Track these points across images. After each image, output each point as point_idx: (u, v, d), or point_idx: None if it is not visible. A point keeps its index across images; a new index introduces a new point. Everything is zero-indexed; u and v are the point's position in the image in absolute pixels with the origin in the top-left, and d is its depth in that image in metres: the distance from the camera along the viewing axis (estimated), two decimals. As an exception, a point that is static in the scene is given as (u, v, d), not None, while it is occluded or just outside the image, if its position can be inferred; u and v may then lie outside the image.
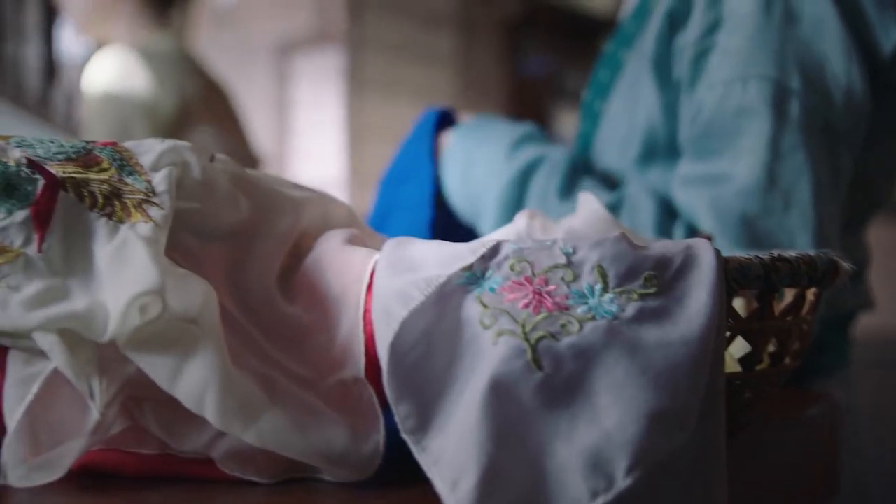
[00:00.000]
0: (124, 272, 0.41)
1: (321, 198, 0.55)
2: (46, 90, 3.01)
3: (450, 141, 0.81)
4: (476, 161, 0.77)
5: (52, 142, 0.46)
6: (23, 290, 0.40)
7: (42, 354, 0.40)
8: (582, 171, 0.76)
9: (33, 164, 0.44)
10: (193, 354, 0.40)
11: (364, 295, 0.45)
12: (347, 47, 4.16)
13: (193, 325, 0.41)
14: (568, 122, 5.07)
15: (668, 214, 0.70)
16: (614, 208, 0.71)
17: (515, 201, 0.75)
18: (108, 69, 1.33)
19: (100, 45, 1.48)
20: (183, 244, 0.46)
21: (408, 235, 0.46)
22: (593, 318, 0.40)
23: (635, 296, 0.41)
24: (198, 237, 0.47)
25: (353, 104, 4.15)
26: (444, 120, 0.83)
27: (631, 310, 0.40)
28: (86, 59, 2.73)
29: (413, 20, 4.41)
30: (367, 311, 0.45)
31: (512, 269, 0.42)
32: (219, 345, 0.41)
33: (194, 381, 0.40)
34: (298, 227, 0.52)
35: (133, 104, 1.32)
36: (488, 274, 0.42)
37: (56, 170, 0.44)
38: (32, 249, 0.41)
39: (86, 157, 0.46)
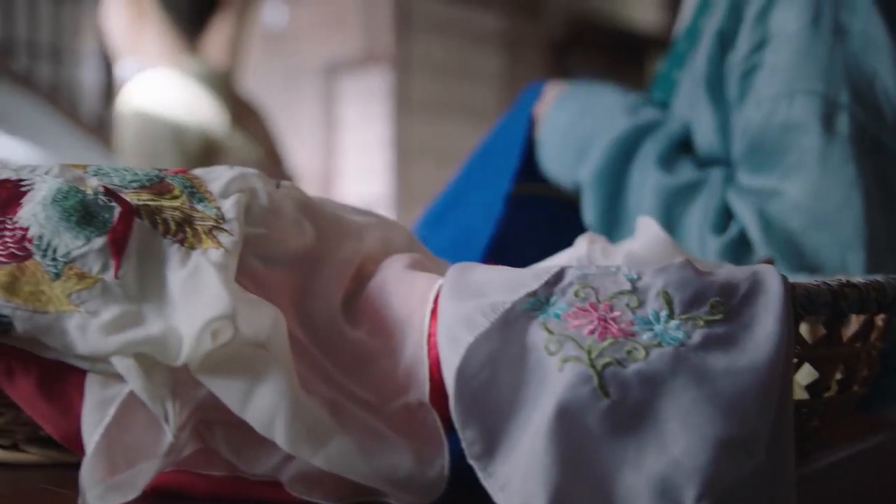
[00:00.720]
0: (197, 298, 0.42)
1: (382, 222, 0.56)
2: (103, 111, 3.09)
3: (561, 90, 0.81)
4: (593, 109, 0.78)
5: (127, 170, 0.48)
6: (101, 316, 0.42)
7: (118, 378, 0.42)
8: (685, 146, 0.76)
9: (110, 193, 0.45)
10: (263, 379, 0.41)
11: (428, 320, 0.46)
12: (394, 67, 4.20)
13: (263, 349, 0.42)
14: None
15: (729, 210, 0.71)
16: (698, 186, 0.72)
17: (626, 153, 0.75)
18: (140, 93, 1.37)
19: (136, 68, 1.52)
20: (251, 269, 0.47)
21: (481, 209, 0.47)
22: (659, 345, 0.40)
23: (701, 322, 0.41)
24: (264, 262, 0.48)
25: (399, 123, 4.18)
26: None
27: (697, 336, 0.40)
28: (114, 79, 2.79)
29: (459, 40, 4.44)
30: (431, 336, 0.45)
31: (576, 295, 0.42)
32: (288, 369, 0.42)
33: (264, 406, 0.41)
34: (361, 251, 0.53)
35: (162, 127, 1.36)
36: (553, 300, 0.43)
37: (131, 198, 0.46)
38: (109, 275, 0.43)
39: (158, 185, 0.48)
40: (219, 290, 0.42)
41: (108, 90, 3.14)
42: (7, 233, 0.43)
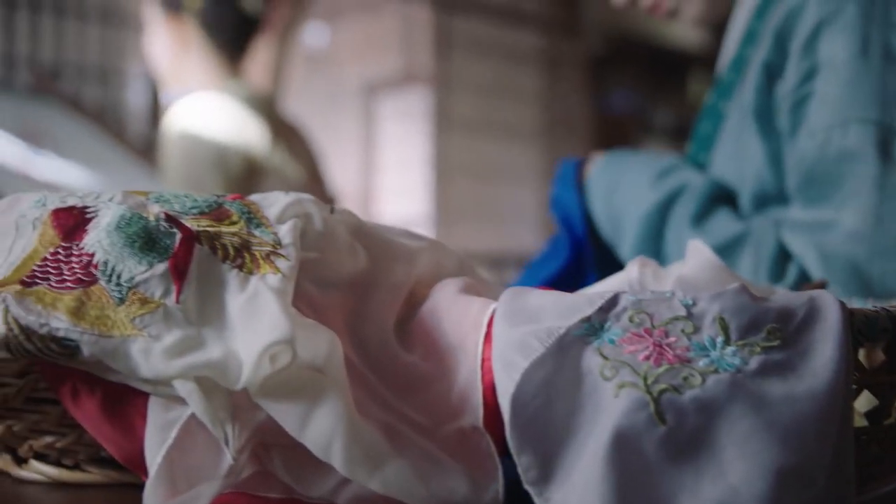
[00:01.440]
0: (256, 322, 0.43)
1: (433, 246, 0.57)
2: (149, 132, 3.15)
3: (593, 169, 0.83)
4: (621, 186, 0.80)
5: (187, 196, 0.49)
6: (163, 340, 0.42)
7: (179, 401, 0.43)
8: (719, 199, 0.76)
9: (171, 219, 0.47)
10: (321, 403, 0.42)
11: (482, 344, 0.46)
12: (434, 86, 4.23)
13: (320, 373, 0.43)
14: (655, 157, 5.02)
15: (785, 254, 0.70)
16: (741, 239, 0.72)
17: (656, 229, 0.77)
18: (184, 116, 1.39)
19: (179, 92, 1.55)
20: (306, 293, 0.48)
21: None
22: (716, 371, 0.40)
23: (758, 349, 0.40)
24: (319, 287, 0.49)
25: (439, 142, 4.20)
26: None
27: (754, 363, 0.40)
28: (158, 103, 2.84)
29: (498, 59, 4.46)
30: (485, 361, 0.45)
31: (631, 320, 0.42)
32: (344, 393, 0.43)
33: (322, 429, 0.41)
34: (413, 275, 0.53)
35: (206, 150, 1.38)
36: (607, 325, 0.43)
37: (191, 224, 0.47)
38: (171, 300, 0.44)
39: (217, 211, 0.49)
40: (277, 315, 0.43)
41: (154, 112, 3.21)
42: (74, 258, 0.44)
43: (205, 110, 1.39)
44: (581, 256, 0.85)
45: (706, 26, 0.86)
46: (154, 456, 0.42)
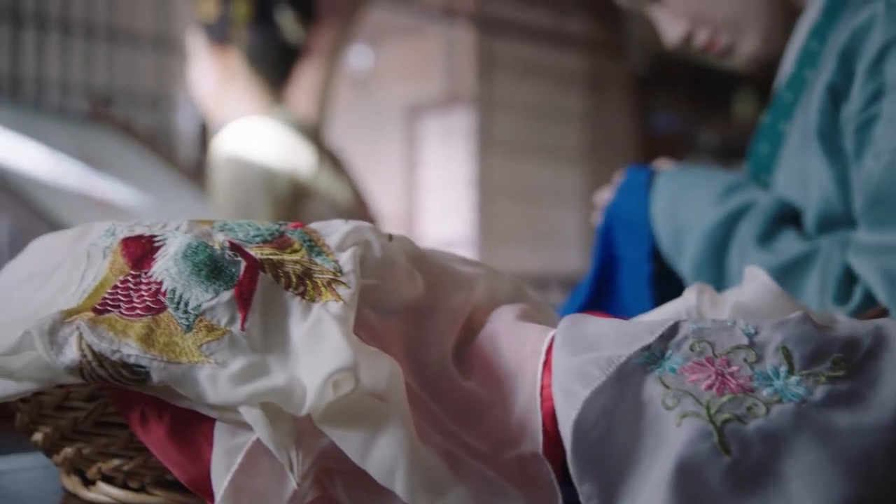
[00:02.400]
0: (319, 350, 0.44)
1: (490, 273, 0.57)
2: (198, 156, 3.20)
3: (658, 179, 0.82)
4: (685, 198, 0.79)
5: (250, 225, 0.50)
6: (229, 366, 0.43)
7: (245, 426, 0.43)
8: (786, 219, 0.75)
9: (235, 248, 0.48)
10: (383, 429, 0.42)
11: (541, 371, 0.46)
12: (477, 108, 4.25)
13: (382, 400, 0.43)
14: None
15: (851, 276, 0.69)
16: (808, 259, 0.71)
17: (719, 244, 0.75)
18: (232, 141, 1.42)
19: (223, 121, 1.58)
20: (366, 320, 0.49)
21: (632, 288, 0.48)
22: (780, 401, 0.40)
23: (823, 379, 0.40)
24: (379, 313, 0.50)
25: (482, 163, 4.22)
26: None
27: (819, 393, 0.40)
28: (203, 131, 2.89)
29: (542, 80, 4.47)
30: (544, 388, 0.46)
31: (692, 349, 0.42)
32: (406, 420, 0.43)
33: (384, 456, 0.42)
34: (471, 301, 0.54)
35: (253, 175, 1.40)
36: (668, 354, 0.43)
37: (255, 252, 0.48)
38: (237, 328, 0.45)
39: (280, 240, 0.50)
40: (340, 343, 0.43)
41: (203, 136, 3.27)
42: (143, 286, 0.45)
43: (252, 135, 1.42)
44: (610, 273, 0.84)
45: (761, 64, 0.85)
46: (221, 480, 0.43)
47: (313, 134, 1.53)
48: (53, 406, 0.48)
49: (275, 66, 1.50)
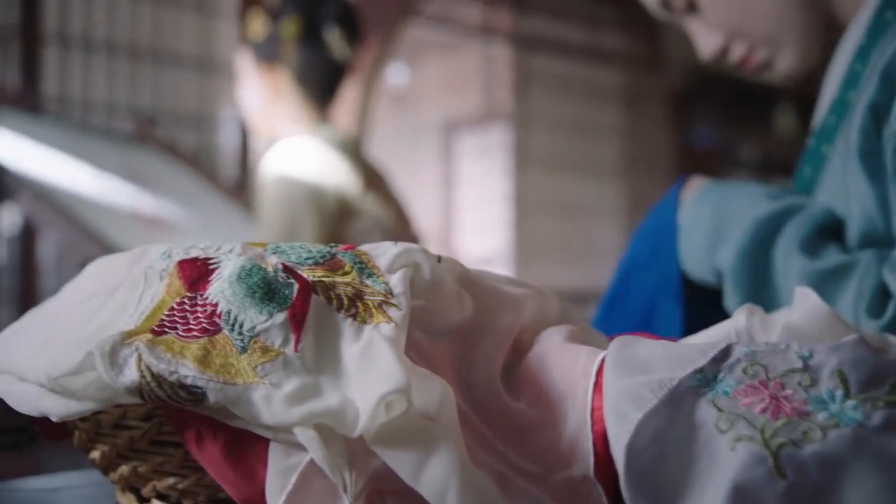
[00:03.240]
0: (371, 371, 0.44)
1: (537, 294, 0.57)
2: (239, 174, 3.25)
3: (703, 183, 0.81)
4: (734, 196, 0.77)
5: (302, 247, 0.51)
6: (283, 387, 0.44)
7: (299, 446, 0.44)
8: (830, 231, 0.74)
9: (288, 270, 0.48)
10: (435, 451, 0.42)
11: (591, 393, 0.46)
12: (513, 124, 4.26)
13: (433, 421, 0.44)
14: (738, 191, 4.92)
15: (887, 291, 0.68)
16: (848, 268, 0.70)
17: (766, 237, 0.73)
18: (276, 163, 1.43)
19: (270, 137, 1.60)
20: (416, 342, 0.49)
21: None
22: (837, 426, 0.39)
23: (881, 403, 0.40)
24: (428, 335, 0.50)
25: (519, 179, 4.22)
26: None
27: (878, 418, 0.39)
28: (248, 149, 2.93)
29: (578, 95, 4.47)
30: (595, 410, 0.46)
31: (745, 372, 0.42)
32: (458, 441, 0.43)
33: (437, 477, 0.42)
34: (519, 322, 0.54)
35: (299, 195, 1.41)
36: (720, 377, 0.42)
37: (307, 274, 0.49)
38: (290, 349, 0.45)
39: (331, 262, 0.50)
40: (392, 365, 0.44)
41: (244, 155, 3.32)
42: (199, 308, 0.46)
43: (298, 154, 1.43)
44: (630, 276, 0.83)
45: (796, 80, 0.83)
46: (275, 500, 0.43)
47: (357, 152, 1.55)
48: (111, 425, 0.49)
49: (322, 85, 1.51)
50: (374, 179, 1.53)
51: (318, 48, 1.48)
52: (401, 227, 1.53)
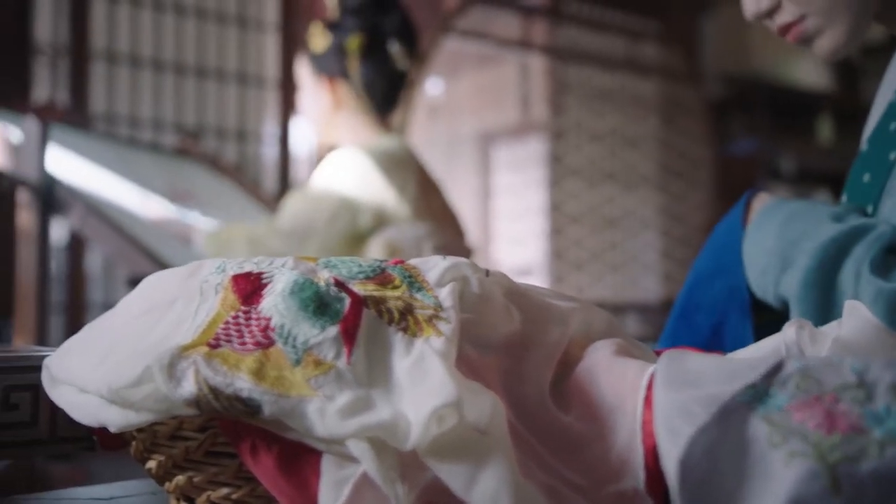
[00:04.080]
0: (423, 385, 0.45)
1: (584, 307, 0.57)
2: (280, 187, 3.29)
3: (765, 202, 0.79)
4: (799, 216, 0.74)
5: (352, 262, 0.52)
6: (336, 400, 0.45)
7: (351, 459, 0.45)
8: None
9: (340, 284, 0.49)
10: (486, 464, 0.43)
11: (641, 407, 0.46)
12: (550, 135, 4.25)
13: (484, 434, 0.44)
14: (779, 202, 4.87)
15: None
16: None
17: (833, 260, 0.71)
18: (336, 169, 1.44)
19: (331, 147, 1.61)
20: (465, 355, 0.50)
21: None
22: (894, 442, 0.39)
23: (938, 420, 0.39)
24: (477, 348, 0.51)
25: (555, 191, 4.21)
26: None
27: (935, 435, 0.39)
28: (314, 159, 2.97)
29: (615, 106, 4.45)
30: (646, 424, 0.46)
31: (798, 387, 0.42)
32: (508, 454, 0.44)
33: (488, 490, 0.42)
34: (567, 336, 0.54)
35: (360, 202, 1.42)
36: (772, 391, 0.42)
37: (358, 288, 0.49)
38: (342, 362, 0.46)
39: (381, 276, 0.51)
40: (444, 378, 0.44)
41: (286, 168, 3.37)
42: (253, 322, 0.47)
43: (360, 163, 1.44)
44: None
45: (834, 62, 0.79)
46: (329, 512, 0.44)
47: (416, 162, 1.54)
48: (167, 436, 0.50)
49: (384, 96, 1.53)
50: (431, 189, 1.53)
51: (380, 61, 1.50)
52: (455, 239, 1.53)
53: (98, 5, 3.17)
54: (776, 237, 0.74)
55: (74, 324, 2.74)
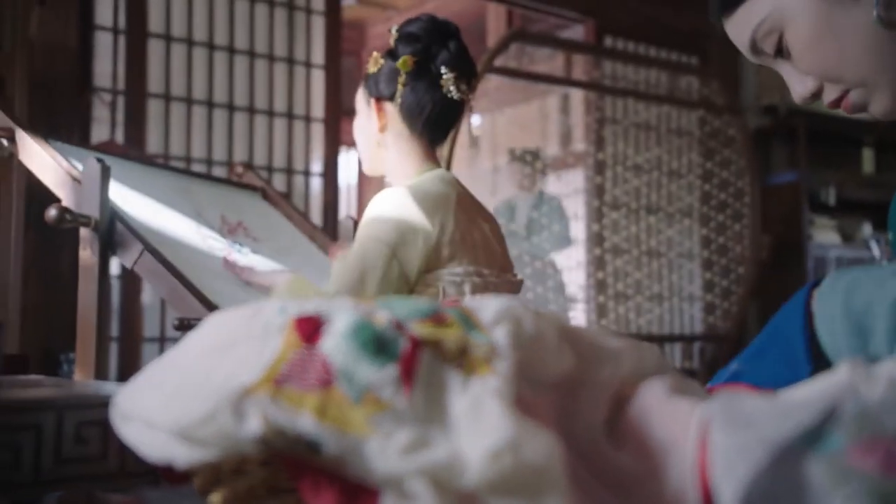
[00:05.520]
0: (480, 424, 0.46)
1: (635, 346, 0.58)
2: (328, 217, 3.34)
3: (825, 281, 0.78)
4: (860, 283, 0.73)
5: (409, 302, 0.53)
6: (395, 439, 0.46)
7: (410, 497, 0.46)
8: None
9: (397, 324, 0.51)
10: (543, 502, 0.43)
11: (696, 447, 0.47)
12: (591, 168, 4.26)
13: (541, 473, 0.45)
14: (823, 232, 4.81)
15: None
16: None
17: None
18: (385, 202, 1.41)
19: (375, 176, 1.60)
20: (520, 394, 0.50)
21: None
22: (955, 486, 0.39)
23: None
24: (532, 387, 0.52)
25: (597, 223, 4.20)
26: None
27: None
28: (358, 190, 3.00)
29: (656, 138, 4.44)
30: (701, 464, 0.46)
31: (857, 428, 0.42)
32: (565, 493, 0.44)
33: (545, 529, 0.43)
34: (619, 374, 0.55)
35: (407, 234, 1.40)
36: (830, 432, 0.43)
37: (415, 328, 0.51)
38: (401, 401, 0.47)
39: (436, 316, 0.52)
40: (500, 417, 0.45)
41: (333, 200, 3.42)
42: (315, 362, 0.49)
43: (405, 197, 1.42)
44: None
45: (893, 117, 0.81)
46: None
47: (467, 192, 1.54)
48: (230, 471, 0.51)
49: (431, 124, 1.50)
50: (474, 222, 1.50)
51: (430, 86, 1.47)
52: (498, 275, 1.50)
53: (154, 47, 3.27)
54: (844, 310, 0.71)
55: (129, 356, 2.80)
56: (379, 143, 1.52)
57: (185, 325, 1.30)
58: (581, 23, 4.38)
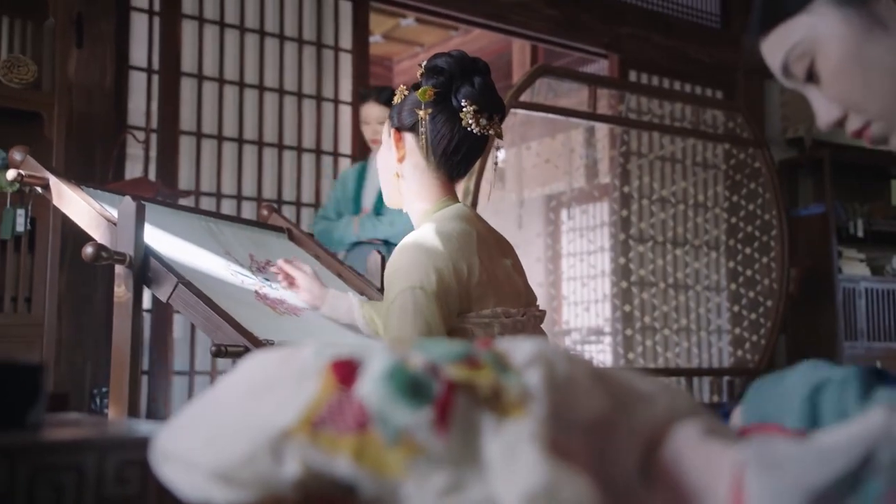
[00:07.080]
0: (514, 467, 0.46)
1: (667, 389, 0.58)
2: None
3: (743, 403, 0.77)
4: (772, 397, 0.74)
5: (443, 345, 0.54)
6: (430, 482, 0.46)
7: (446, 540, 0.46)
8: (873, 378, 0.70)
9: (431, 367, 0.51)
10: (579, 546, 0.44)
11: (731, 491, 0.47)
12: (617, 200, 4.26)
13: (576, 517, 0.45)
14: (852, 264, 4.77)
15: None
16: None
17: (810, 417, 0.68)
18: (419, 248, 1.41)
19: (402, 207, 1.60)
20: (553, 437, 0.51)
21: None
22: None
23: None
24: (565, 430, 0.52)
25: (622, 255, 4.20)
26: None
27: None
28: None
29: (680, 170, 4.44)
30: (736, 508, 0.46)
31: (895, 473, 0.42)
32: (600, 537, 0.45)
33: (581, 573, 0.43)
34: (651, 417, 0.55)
35: (448, 281, 1.39)
36: (866, 478, 0.43)
37: (449, 371, 0.51)
38: (436, 444, 0.48)
39: (470, 359, 0.53)
40: (535, 460, 0.46)
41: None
42: (351, 405, 0.50)
43: (427, 236, 1.42)
44: None
45: None
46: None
47: (488, 226, 1.54)
48: (267, 512, 0.52)
49: (450, 157, 1.50)
50: (496, 258, 1.49)
51: (451, 119, 1.47)
52: (523, 311, 1.49)
53: (186, 85, 3.33)
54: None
55: (159, 389, 2.83)
56: (398, 173, 1.53)
57: (223, 352, 1.31)
58: (605, 57, 4.41)
